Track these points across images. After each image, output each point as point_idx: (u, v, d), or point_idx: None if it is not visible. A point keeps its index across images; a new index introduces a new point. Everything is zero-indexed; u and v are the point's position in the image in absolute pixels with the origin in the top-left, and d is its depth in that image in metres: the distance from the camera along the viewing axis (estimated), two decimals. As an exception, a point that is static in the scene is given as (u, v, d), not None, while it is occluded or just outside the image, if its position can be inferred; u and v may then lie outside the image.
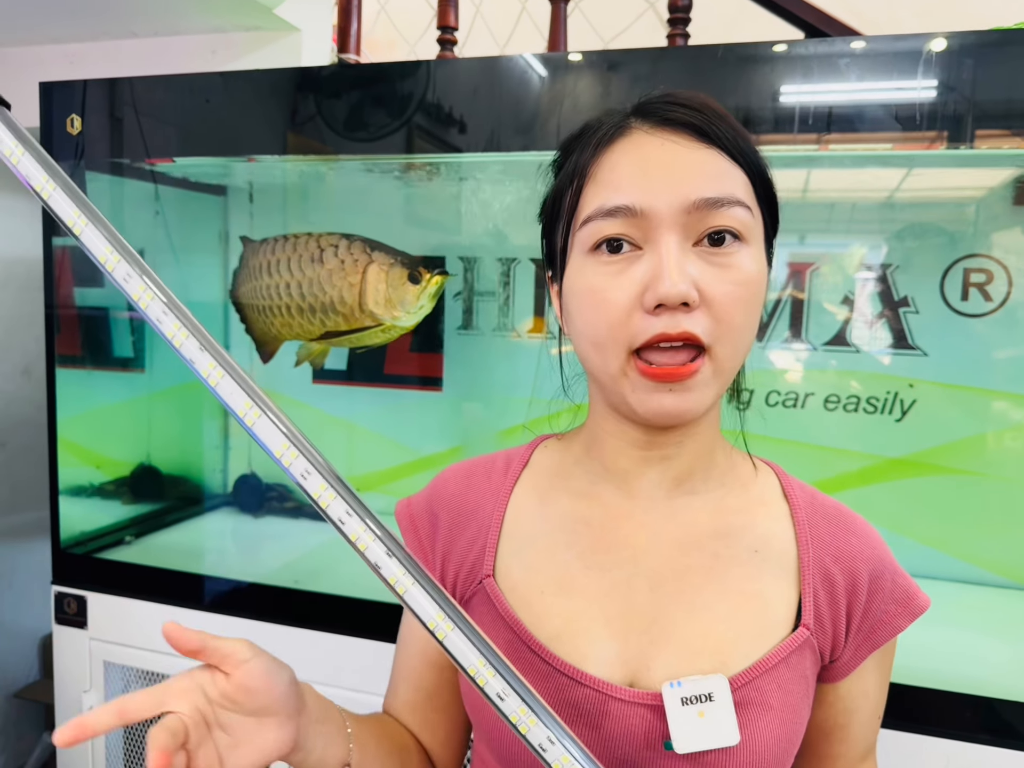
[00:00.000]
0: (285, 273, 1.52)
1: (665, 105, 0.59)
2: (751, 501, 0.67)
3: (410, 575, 0.52)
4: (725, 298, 0.56)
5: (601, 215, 0.57)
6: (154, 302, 0.52)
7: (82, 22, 1.69)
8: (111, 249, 0.53)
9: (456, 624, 0.52)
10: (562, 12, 1.85)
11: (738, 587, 0.63)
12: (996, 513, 1.42)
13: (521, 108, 1.22)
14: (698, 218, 0.56)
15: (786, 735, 0.61)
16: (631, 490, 0.66)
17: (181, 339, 0.52)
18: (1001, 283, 1.38)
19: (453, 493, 0.72)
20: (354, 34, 1.88)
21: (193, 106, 1.40)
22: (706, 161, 0.57)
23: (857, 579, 0.64)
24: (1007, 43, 1.05)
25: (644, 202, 0.56)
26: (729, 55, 1.10)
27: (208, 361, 0.51)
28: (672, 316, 0.55)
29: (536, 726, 0.52)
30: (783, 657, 0.61)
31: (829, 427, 1.47)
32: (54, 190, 0.53)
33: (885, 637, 0.65)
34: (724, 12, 2.02)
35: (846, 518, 0.68)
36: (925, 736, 1.10)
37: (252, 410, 0.52)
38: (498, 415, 1.65)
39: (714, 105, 0.60)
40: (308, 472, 0.52)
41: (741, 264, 0.57)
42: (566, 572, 0.65)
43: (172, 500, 1.79)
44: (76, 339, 1.61)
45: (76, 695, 1.51)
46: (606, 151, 0.59)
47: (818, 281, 1.46)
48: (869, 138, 1.12)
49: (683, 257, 0.55)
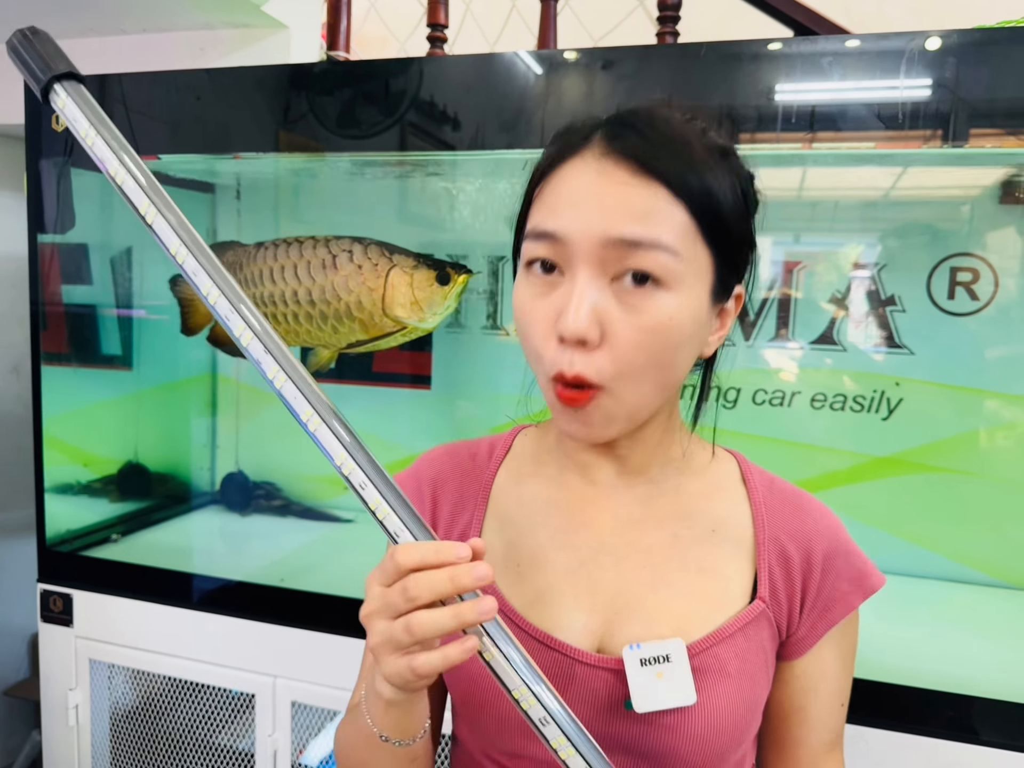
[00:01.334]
0: (292, 280, 1.46)
1: (620, 128, 0.58)
2: (709, 486, 0.70)
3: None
4: (627, 342, 0.56)
5: (533, 236, 0.59)
6: (221, 299, 0.53)
7: (70, 19, 1.68)
8: (180, 243, 0.54)
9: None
10: (552, 10, 1.85)
11: (697, 564, 0.67)
12: (982, 511, 1.43)
13: (509, 106, 1.22)
14: (615, 255, 0.55)
15: (744, 703, 0.64)
16: (593, 479, 0.70)
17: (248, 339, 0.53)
18: (987, 282, 1.39)
19: (439, 470, 0.75)
20: (343, 31, 1.88)
21: (181, 103, 1.40)
22: (635, 198, 0.55)
23: (812, 556, 0.67)
24: (991, 42, 1.05)
25: (565, 231, 0.56)
26: (713, 54, 1.10)
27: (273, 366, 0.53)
28: (572, 353, 0.56)
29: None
30: (740, 627, 0.65)
31: (816, 426, 1.47)
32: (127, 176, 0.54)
33: (840, 614, 0.67)
34: (715, 10, 2.02)
35: (802, 499, 0.71)
36: (909, 735, 1.11)
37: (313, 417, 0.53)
38: (487, 413, 1.65)
39: (670, 130, 0.57)
40: (365, 484, 0.53)
41: (652, 309, 0.56)
42: (539, 550, 0.69)
43: (159, 498, 1.79)
44: (63, 336, 1.60)
45: (62, 693, 1.51)
46: (557, 170, 0.60)
47: (805, 280, 1.46)
48: (854, 137, 1.12)
49: (594, 292, 0.56)
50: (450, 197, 1.62)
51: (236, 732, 1.49)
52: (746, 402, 1.49)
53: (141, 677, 1.52)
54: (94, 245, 1.65)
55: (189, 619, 1.43)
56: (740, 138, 1.14)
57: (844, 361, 1.45)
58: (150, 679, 1.52)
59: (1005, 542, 1.43)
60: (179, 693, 1.50)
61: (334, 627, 1.34)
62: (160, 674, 1.47)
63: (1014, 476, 1.41)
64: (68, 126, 0.55)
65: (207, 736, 1.50)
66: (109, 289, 1.70)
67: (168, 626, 1.44)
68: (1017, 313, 1.39)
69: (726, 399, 1.50)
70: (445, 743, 1.23)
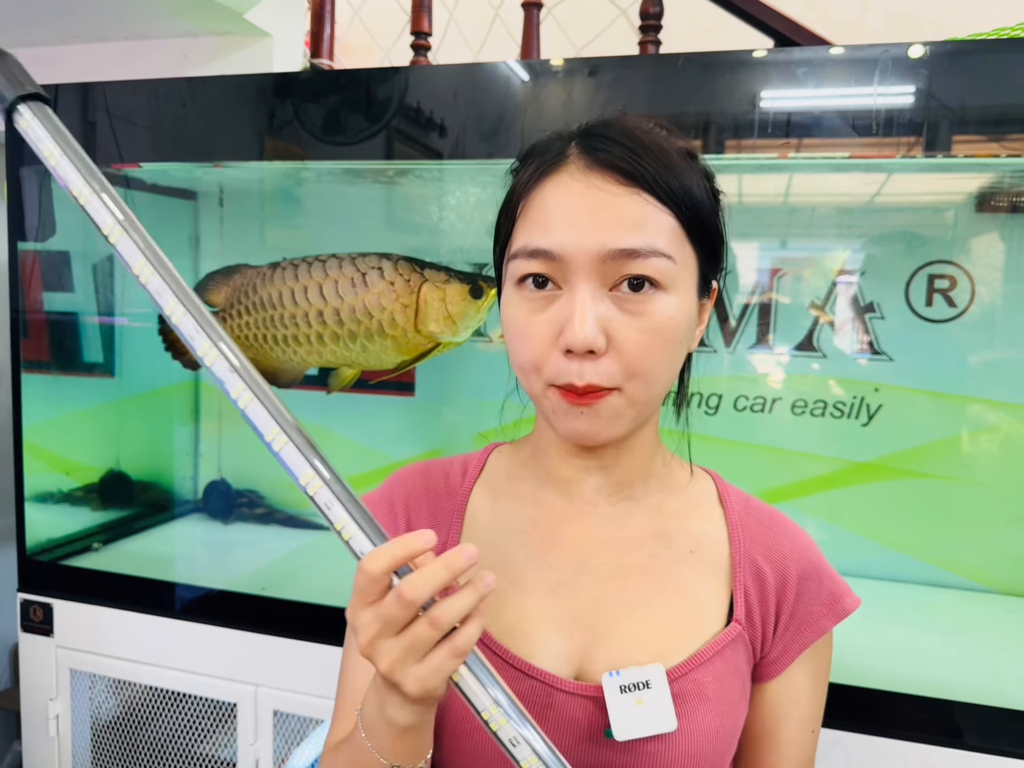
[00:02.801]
0: (316, 300, 1.42)
1: (598, 140, 0.59)
2: (687, 505, 0.70)
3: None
4: (634, 347, 0.57)
5: (525, 255, 0.59)
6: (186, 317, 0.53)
7: (52, 26, 1.67)
8: (145, 261, 0.54)
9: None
10: (535, 19, 1.86)
11: (674, 585, 0.66)
12: (961, 516, 1.44)
13: (491, 115, 1.23)
14: (614, 267, 0.57)
15: (724, 727, 0.63)
16: (572, 495, 0.69)
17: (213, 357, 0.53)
18: (965, 289, 1.40)
19: (411, 491, 0.73)
20: (327, 39, 1.88)
21: (164, 111, 1.40)
22: (628, 208, 0.57)
23: (787, 577, 0.67)
24: (965, 52, 1.07)
25: (562, 248, 0.57)
26: (693, 64, 1.11)
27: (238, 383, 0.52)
28: (580, 363, 0.57)
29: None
30: (718, 650, 0.64)
31: (797, 432, 1.48)
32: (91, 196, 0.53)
33: (812, 637, 0.67)
34: (698, 20, 2.03)
35: (777, 521, 0.71)
36: (886, 739, 1.11)
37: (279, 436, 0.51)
38: (471, 420, 1.66)
39: (648, 140, 0.58)
40: (331, 504, 0.50)
41: (655, 312, 0.57)
42: (518, 571, 0.67)
43: (141, 506, 1.78)
44: (45, 344, 1.60)
45: (43, 703, 1.50)
46: (539, 186, 0.60)
47: (785, 287, 1.47)
48: (832, 145, 1.13)
49: (596, 304, 0.57)
50: (433, 204, 1.63)
51: (218, 741, 1.48)
52: (728, 409, 1.50)
53: (122, 687, 1.51)
54: (76, 253, 1.65)
55: (171, 628, 1.42)
56: (726, 146, 1.15)
57: (824, 367, 1.47)
58: (131, 689, 1.51)
59: (984, 546, 1.44)
60: (161, 702, 1.49)
61: (316, 636, 1.34)
62: (141, 683, 1.47)
63: (993, 481, 1.42)
64: (32, 147, 0.54)
65: (189, 746, 1.49)
66: (91, 296, 1.69)
67: (149, 635, 1.43)
68: (994, 319, 1.40)
69: (708, 405, 1.50)
70: None
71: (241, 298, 1.51)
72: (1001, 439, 1.43)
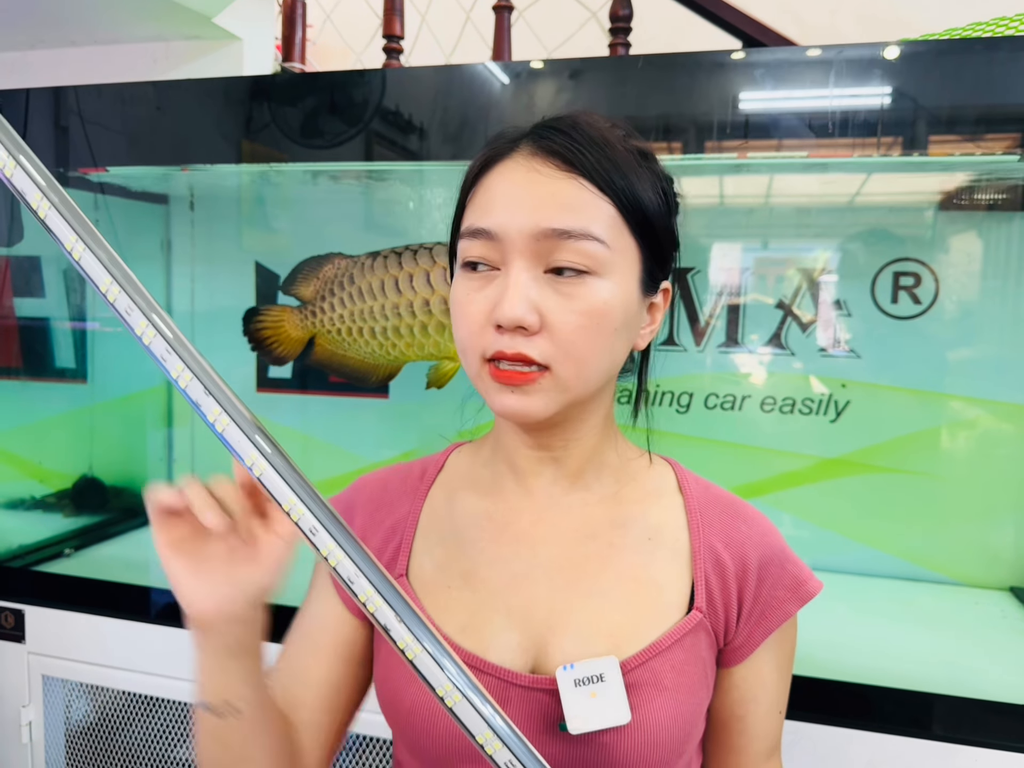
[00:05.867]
0: (422, 288, 1.37)
1: (544, 130, 0.61)
2: (645, 493, 0.71)
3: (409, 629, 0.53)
4: (566, 326, 0.58)
5: (468, 234, 0.61)
6: (156, 339, 0.51)
7: (21, 31, 1.67)
8: (111, 280, 0.52)
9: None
10: (506, 21, 1.87)
11: (632, 574, 0.67)
12: (928, 510, 1.46)
13: (461, 116, 1.24)
14: (548, 247, 0.58)
15: (682, 715, 0.64)
16: (530, 487, 0.69)
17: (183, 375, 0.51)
18: (929, 286, 1.42)
19: (369, 497, 0.74)
20: (298, 43, 1.89)
21: (135, 115, 1.40)
22: (564, 192, 0.58)
23: (747, 564, 0.67)
24: (936, 52, 1.09)
25: (499, 227, 0.59)
26: (651, 65, 1.12)
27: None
28: (512, 337, 0.58)
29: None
30: (677, 639, 0.64)
31: (767, 429, 1.50)
32: (50, 209, 0.52)
33: (776, 621, 0.68)
34: (670, 22, 2.04)
35: (737, 507, 0.71)
36: (853, 730, 1.13)
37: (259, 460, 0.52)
38: (445, 421, 1.66)
39: (593, 132, 0.60)
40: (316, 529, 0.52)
41: (587, 295, 0.59)
42: (472, 566, 0.68)
43: (115, 512, 1.78)
44: (14, 350, 1.59)
45: (15, 710, 1.49)
46: (488, 173, 0.62)
47: (752, 285, 1.49)
48: (799, 145, 1.15)
49: (529, 283, 0.58)
50: (400, 205, 1.63)
51: (193, 746, 1.47)
52: (698, 407, 1.51)
53: (96, 692, 1.50)
54: (47, 257, 1.64)
55: (144, 633, 1.42)
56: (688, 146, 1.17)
57: (792, 365, 1.48)
58: (106, 694, 1.51)
59: (952, 540, 1.46)
60: (136, 708, 1.49)
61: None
62: (115, 689, 1.46)
63: (958, 475, 1.45)
64: None
65: (164, 750, 1.48)
66: (62, 301, 1.69)
67: (123, 640, 1.43)
68: (958, 316, 1.42)
69: (679, 404, 1.52)
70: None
71: (334, 289, 1.45)
72: (967, 434, 1.45)
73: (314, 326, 1.49)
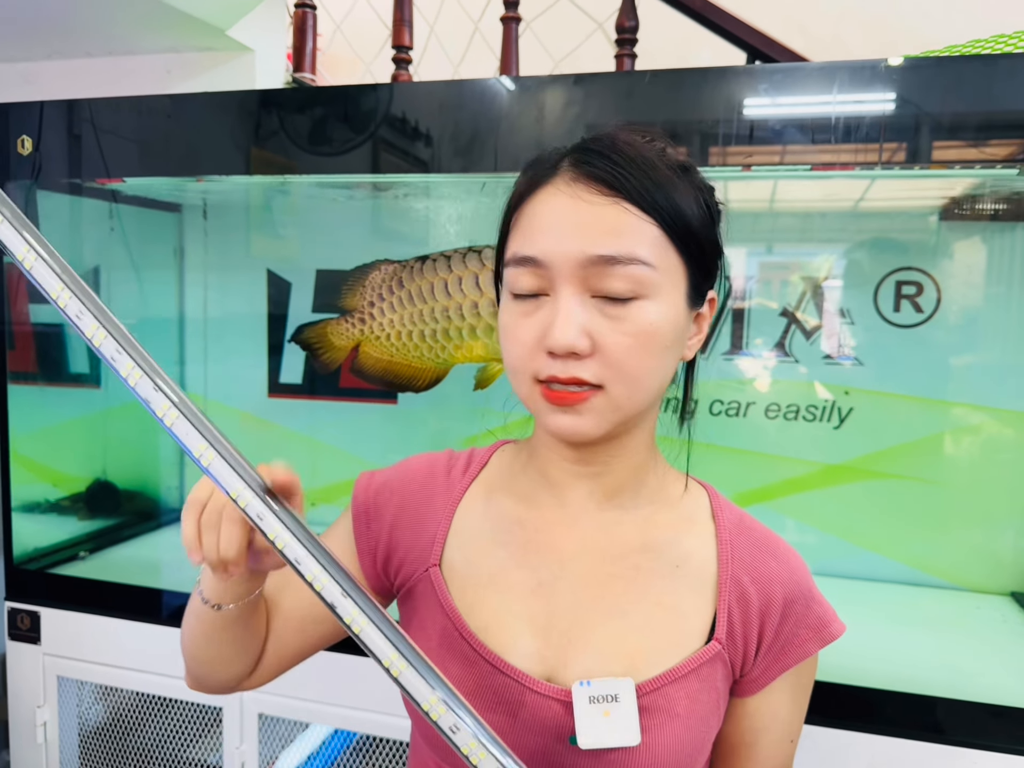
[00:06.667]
0: (471, 291, 1.37)
1: (584, 153, 0.61)
2: (679, 519, 0.70)
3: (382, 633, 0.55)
4: (617, 347, 0.59)
5: (515, 262, 0.62)
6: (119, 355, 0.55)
7: (37, 42, 1.70)
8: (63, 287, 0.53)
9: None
10: (513, 33, 1.90)
11: (656, 599, 0.67)
12: (931, 516, 1.48)
13: (466, 130, 1.26)
14: (596, 272, 0.59)
15: (690, 742, 0.64)
16: (565, 500, 0.70)
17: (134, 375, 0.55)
18: (931, 295, 1.44)
19: (412, 479, 0.75)
20: (309, 53, 1.91)
21: (148, 127, 1.43)
22: (609, 217, 0.59)
23: (772, 600, 0.67)
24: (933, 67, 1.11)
25: (546, 255, 0.60)
26: (657, 81, 1.15)
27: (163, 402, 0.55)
28: (564, 362, 0.59)
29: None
30: (693, 668, 0.65)
31: (771, 435, 1.52)
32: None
33: (794, 659, 0.68)
34: (675, 32, 2.07)
35: (770, 542, 0.70)
36: (855, 732, 1.14)
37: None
38: (453, 426, 1.68)
39: (632, 152, 0.61)
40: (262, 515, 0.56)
41: (636, 317, 0.59)
42: (499, 568, 0.69)
43: (128, 515, 1.80)
44: (31, 356, 1.62)
45: (30, 710, 1.52)
46: (531, 198, 0.63)
47: (758, 293, 1.51)
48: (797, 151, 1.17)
49: (579, 308, 0.59)
50: (409, 215, 1.66)
51: (204, 746, 1.50)
52: (704, 413, 1.53)
53: (109, 693, 1.53)
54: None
55: (157, 634, 1.44)
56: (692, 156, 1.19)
57: (796, 372, 1.50)
58: (118, 695, 1.53)
59: (953, 545, 1.48)
60: (147, 708, 1.51)
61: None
62: (128, 689, 1.48)
63: (960, 481, 1.46)
64: None
65: (176, 750, 1.51)
66: (77, 308, 1.71)
67: (136, 642, 1.45)
68: (959, 324, 1.44)
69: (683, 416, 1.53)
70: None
71: (383, 294, 1.46)
72: (968, 440, 1.47)
73: (361, 333, 1.51)
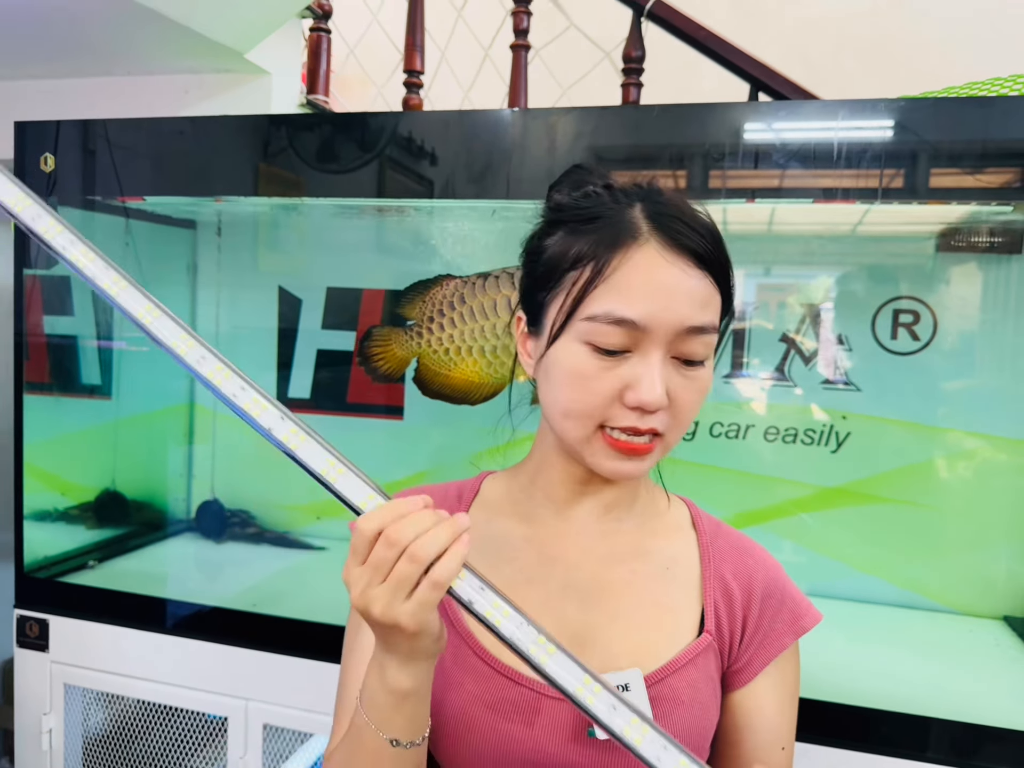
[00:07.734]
0: None
1: (679, 224, 0.65)
2: (666, 527, 0.79)
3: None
4: (686, 403, 0.67)
5: (608, 321, 0.64)
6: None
7: (58, 60, 1.74)
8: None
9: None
10: (523, 60, 1.95)
11: (652, 599, 0.74)
12: (925, 540, 1.51)
13: (481, 158, 1.30)
14: (683, 338, 0.65)
15: (697, 727, 0.70)
16: (568, 515, 0.76)
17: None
18: (927, 324, 1.48)
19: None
20: (323, 75, 1.96)
21: (166, 147, 1.46)
22: (701, 289, 0.65)
23: (752, 593, 0.75)
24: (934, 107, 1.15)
25: (648, 321, 0.63)
26: (666, 114, 1.19)
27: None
28: (641, 416, 0.65)
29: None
30: (691, 658, 0.72)
31: (770, 457, 1.55)
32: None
33: (774, 651, 0.74)
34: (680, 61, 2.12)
35: (745, 543, 0.79)
36: (850, 751, 1.17)
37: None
38: (458, 443, 1.71)
39: (710, 226, 0.67)
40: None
41: (702, 375, 0.67)
42: (509, 585, 0.72)
43: (136, 525, 1.82)
44: (45, 366, 1.65)
45: (36, 717, 1.53)
46: (621, 255, 0.64)
47: (757, 318, 1.55)
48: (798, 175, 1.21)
49: (663, 369, 0.65)
50: (418, 235, 1.69)
51: (209, 755, 1.52)
52: (703, 435, 1.56)
53: (115, 701, 1.55)
54: (76, 279, 1.70)
55: (163, 644, 1.46)
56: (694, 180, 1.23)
57: (795, 396, 1.54)
58: (124, 703, 1.55)
59: (947, 569, 1.51)
60: (152, 717, 1.53)
61: (305, 651, 1.38)
62: (134, 698, 1.50)
63: (954, 506, 1.49)
64: None
65: (180, 759, 1.53)
66: (90, 320, 1.75)
67: (142, 650, 1.47)
68: (955, 352, 1.48)
69: (685, 432, 1.56)
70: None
71: (444, 310, 1.49)
72: (962, 466, 1.50)
73: (419, 346, 1.54)
